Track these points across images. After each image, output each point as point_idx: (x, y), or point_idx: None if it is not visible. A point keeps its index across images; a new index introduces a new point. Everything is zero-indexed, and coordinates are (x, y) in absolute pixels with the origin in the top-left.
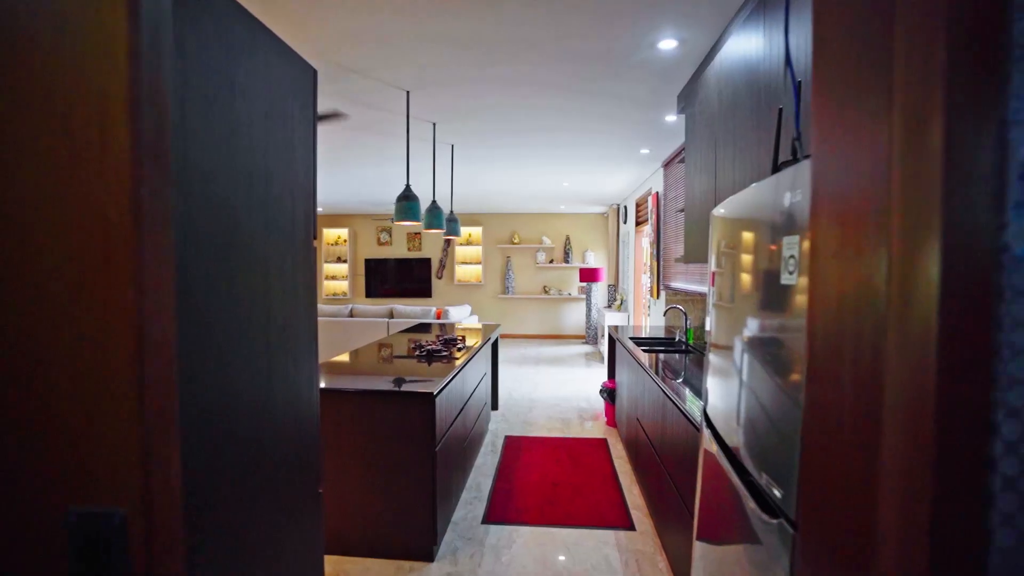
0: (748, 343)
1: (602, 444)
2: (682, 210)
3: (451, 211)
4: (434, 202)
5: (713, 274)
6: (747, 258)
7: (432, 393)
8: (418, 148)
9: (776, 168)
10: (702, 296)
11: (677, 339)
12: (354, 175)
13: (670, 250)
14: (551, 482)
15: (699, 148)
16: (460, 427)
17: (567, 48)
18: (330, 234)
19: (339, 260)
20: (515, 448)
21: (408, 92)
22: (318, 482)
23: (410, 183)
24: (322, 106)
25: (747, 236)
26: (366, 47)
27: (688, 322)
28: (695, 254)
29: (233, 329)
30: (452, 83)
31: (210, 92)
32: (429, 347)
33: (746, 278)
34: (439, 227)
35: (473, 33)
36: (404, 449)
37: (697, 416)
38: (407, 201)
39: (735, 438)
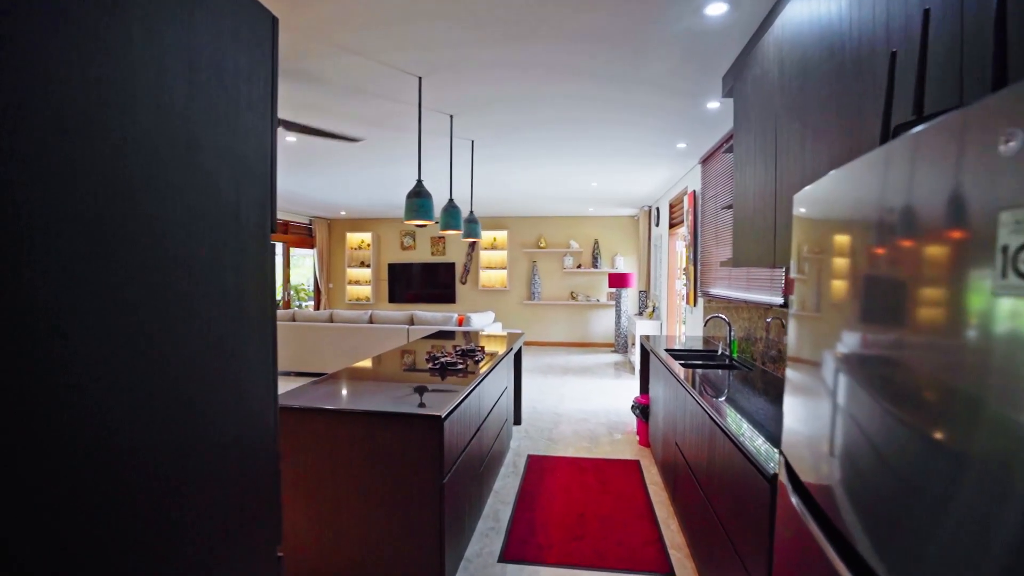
0: (851, 360)
1: (634, 467)
2: (729, 206)
3: (471, 212)
4: (451, 201)
5: (791, 280)
6: (846, 258)
7: (440, 416)
8: (435, 144)
9: (889, 135)
10: (748, 304)
11: (720, 352)
12: (371, 176)
13: (709, 253)
14: (577, 512)
15: (752, 133)
16: (476, 449)
17: (594, 24)
18: (353, 238)
19: (362, 264)
20: (538, 469)
21: (420, 78)
22: (276, 540)
23: (423, 179)
24: (329, 107)
25: (853, 224)
26: (371, 26)
27: (732, 333)
28: (747, 256)
29: (117, 347)
30: (468, 68)
31: (71, 9)
32: (444, 359)
33: (845, 283)
34: (456, 228)
35: (488, 8)
36: (408, 479)
37: (763, 459)
38: (418, 198)
39: (824, 469)
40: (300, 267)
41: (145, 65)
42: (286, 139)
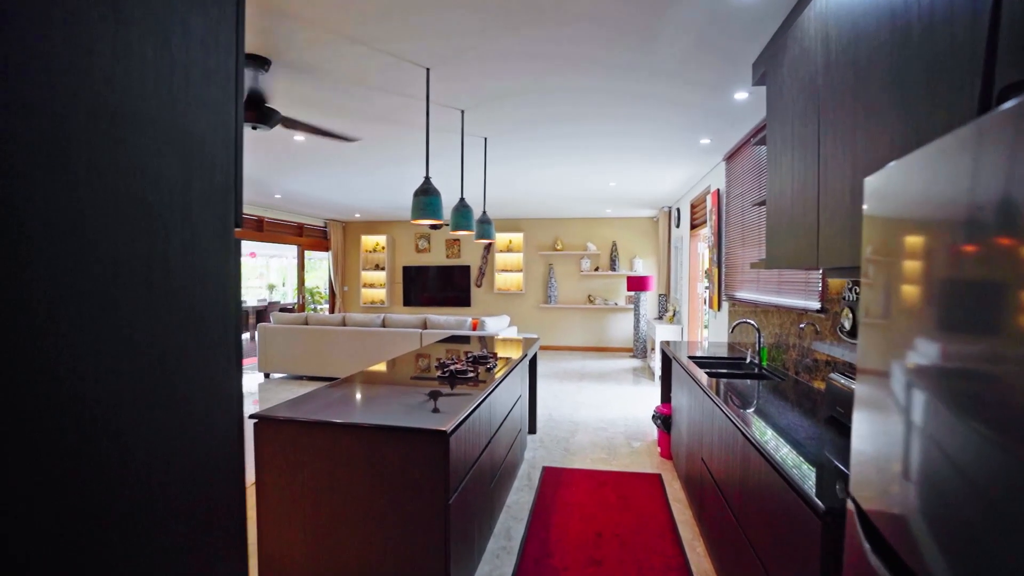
0: (930, 374)
1: (655, 481)
2: (760, 203)
3: (484, 212)
4: (462, 200)
5: (830, 283)
6: (928, 256)
7: (445, 431)
8: (446, 142)
9: (992, 101)
10: (779, 309)
11: (748, 360)
12: (382, 176)
13: (735, 255)
14: (595, 531)
15: (789, 121)
16: (487, 462)
17: (610, 8)
18: (368, 241)
19: (377, 267)
20: (554, 483)
21: (428, 70)
22: None
23: (432, 178)
24: (324, 100)
25: (941, 214)
26: (377, 14)
27: (761, 340)
28: (783, 257)
29: (7, 368)
30: (477, 59)
31: None
32: (454, 367)
33: (932, 285)
34: (468, 228)
35: None
36: (411, 498)
37: (810, 486)
38: (426, 196)
39: (893, 489)
40: (317, 270)
41: (52, 5)
42: (294, 138)
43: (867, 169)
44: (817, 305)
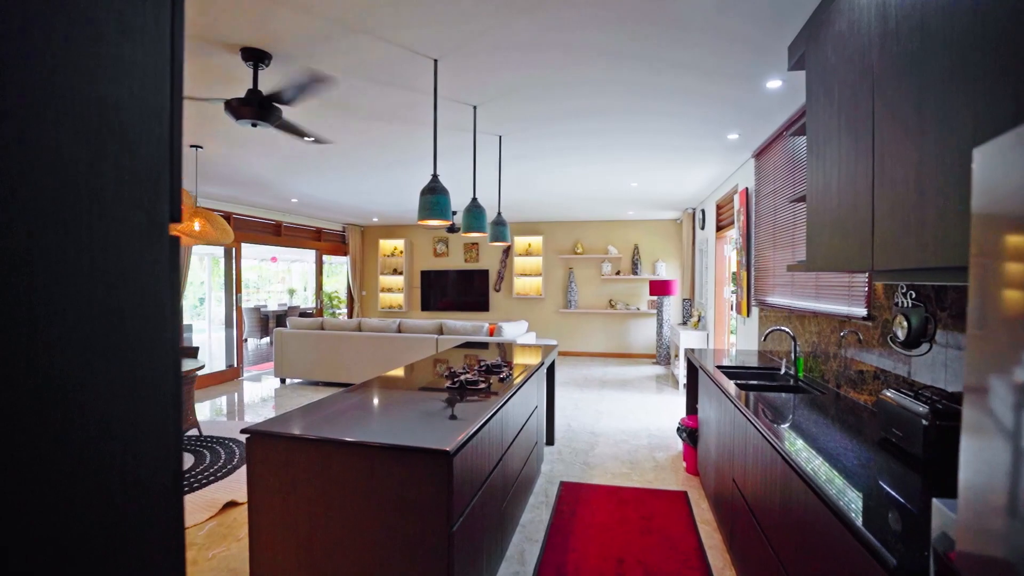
0: None
1: (681, 500)
2: (798, 199)
3: (499, 213)
4: (474, 200)
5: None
6: None
7: (448, 452)
8: (459, 140)
9: None
10: (817, 315)
11: (783, 371)
12: (394, 178)
13: (765, 258)
14: (616, 556)
15: (834, 105)
16: (498, 480)
17: None
18: (386, 245)
19: (395, 272)
20: (571, 500)
21: (436, 60)
22: None
23: (441, 175)
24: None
25: None
26: (380, 2)
27: (797, 349)
28: (828, 259)
29: None
30: (489, 48)
31: None
32: (464, 376)
33: None
34: (480, 230)
35: None
36: (412, 524)
37: (874, 531)
38: (432, 194)
39: (997, 523)
40: (338, 275)
41: None
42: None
43: (939, 155)
44: (862, 312)
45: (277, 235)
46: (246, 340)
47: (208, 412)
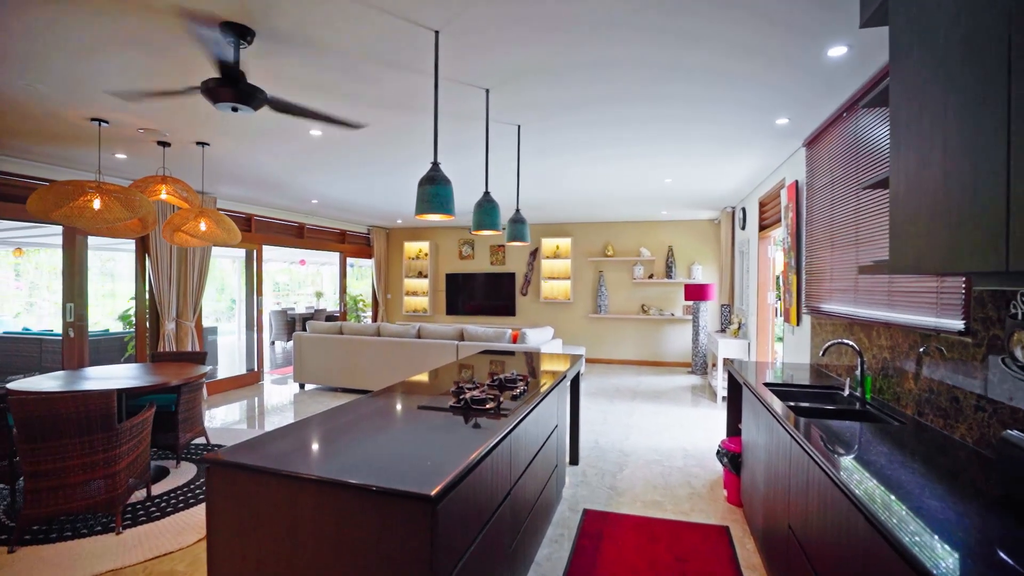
0: None
1: (722, 537)
2: (876, 185)
3: (517, 210)
4: (487, 194)
5: None
6: None
7: (430, 495)
8: (472, 131)
9: None
10: (891, 327)
11: (847, 393)
12: (406, 175)
13: (819, 259)
14: None
15: (936, 61)
16: (505, 519)
17: None
18: (411, 247)
19: (420, 275)
20: (595, 533)
21: (437, 32)
22: None
23: (439, 162)
24: (305, 75)
25: None
26: None
27: (864, 366)
28: (925, 257)
29: None
30: (492, 21)
31: None
32: (471, 393)
33: None
34: (493, 228)
35: None
36: None
37: None
38: (431, 185)
39: None
40: (367, 277)
41: None
42: (310, 132)
43: None
44: (958, 324)
45: (300, 237)
46: (273, 343)
47: (221, 419)
